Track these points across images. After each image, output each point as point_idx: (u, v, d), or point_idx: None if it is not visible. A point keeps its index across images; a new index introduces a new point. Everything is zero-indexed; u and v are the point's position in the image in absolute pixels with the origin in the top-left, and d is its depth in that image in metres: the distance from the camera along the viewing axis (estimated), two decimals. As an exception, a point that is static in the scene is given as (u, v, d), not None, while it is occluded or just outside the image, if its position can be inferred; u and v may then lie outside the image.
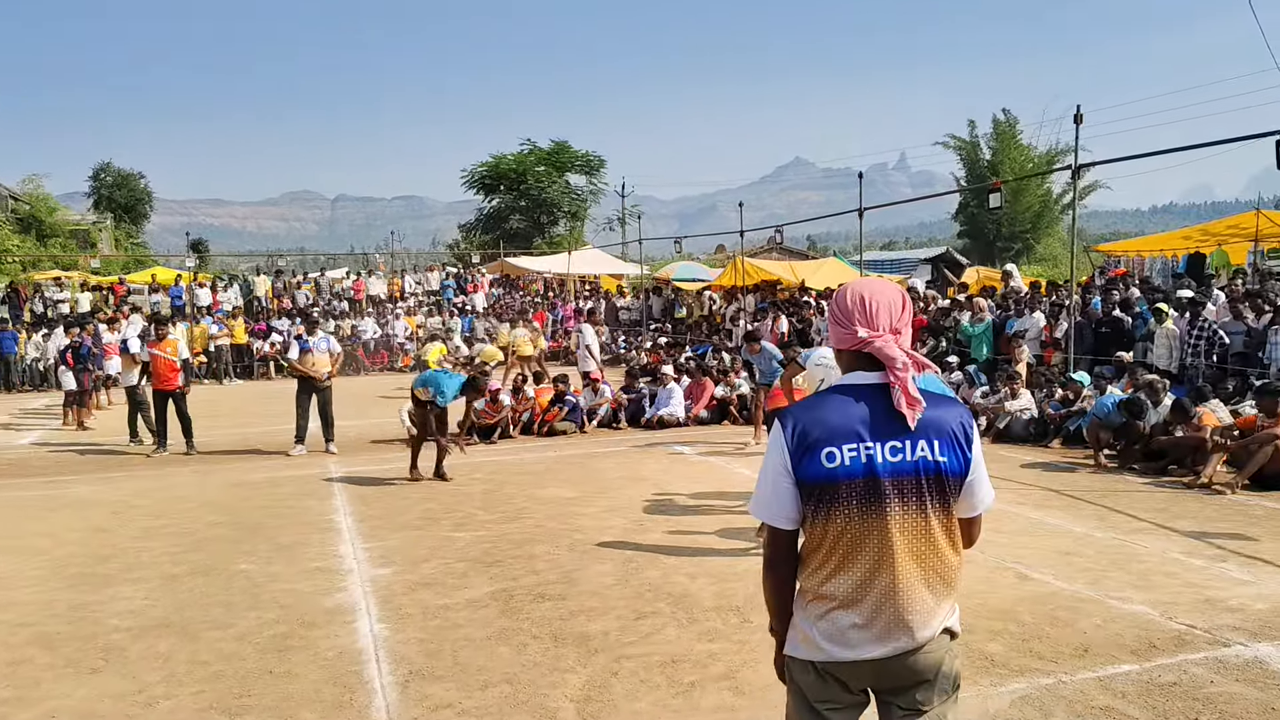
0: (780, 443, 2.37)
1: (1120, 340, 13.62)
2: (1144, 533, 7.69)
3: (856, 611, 2.34)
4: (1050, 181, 43.44)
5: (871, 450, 2.31)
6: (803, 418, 2.37)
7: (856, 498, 2.31)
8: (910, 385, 2.33)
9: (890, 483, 2.31)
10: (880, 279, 2.59)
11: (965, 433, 2.37)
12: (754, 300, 23.64)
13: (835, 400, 2.38)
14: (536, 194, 48.65)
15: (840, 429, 2.32)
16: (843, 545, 2.34)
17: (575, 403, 14.41)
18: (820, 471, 2.32)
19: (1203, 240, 20.68)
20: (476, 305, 31.57)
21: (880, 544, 2.32)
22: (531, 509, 9.04)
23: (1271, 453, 9.22)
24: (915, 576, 2.33)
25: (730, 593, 6.23)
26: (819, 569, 2.38)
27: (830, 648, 2.36)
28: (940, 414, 2.36)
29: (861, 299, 2.42)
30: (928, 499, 2.33)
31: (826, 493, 2.32)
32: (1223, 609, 5.75)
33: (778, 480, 2.38)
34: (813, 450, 2.32)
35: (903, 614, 2.32)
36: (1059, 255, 39.72)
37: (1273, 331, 11.61)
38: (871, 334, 2.38)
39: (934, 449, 2.33)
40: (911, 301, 2.55)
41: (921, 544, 2.33)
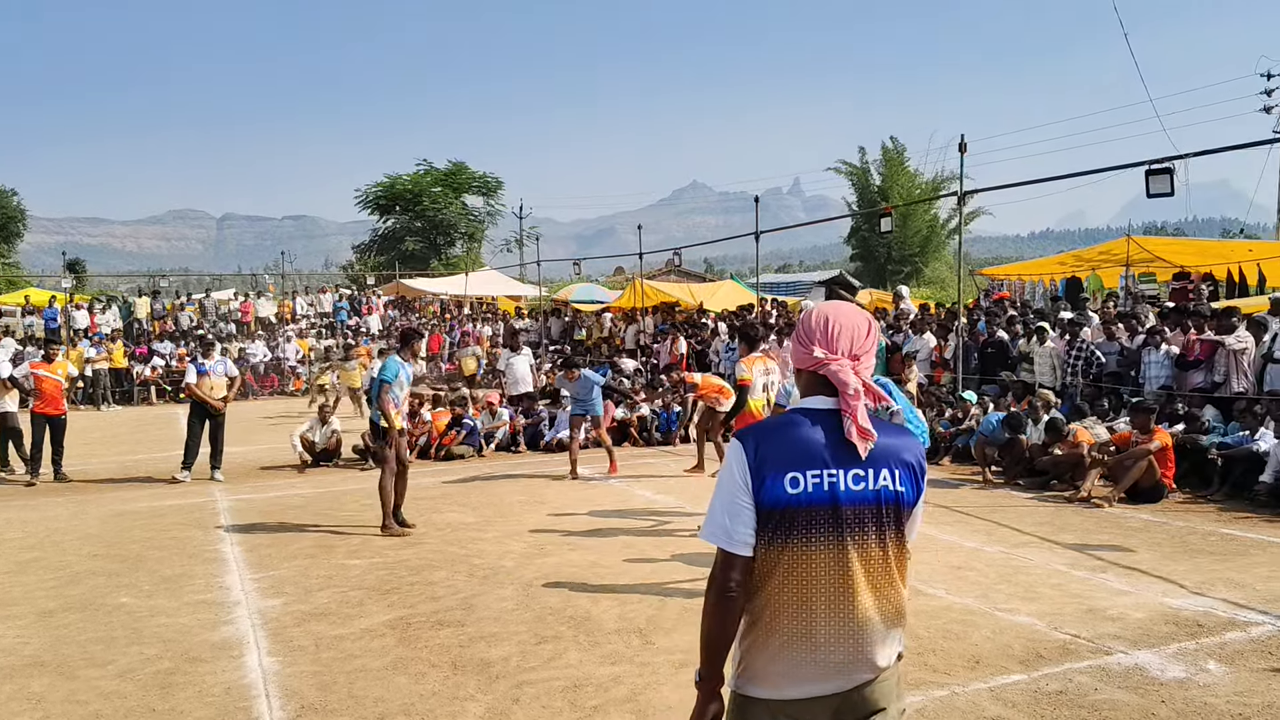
0: (742, 464, 2.25)
1: (1004, 360, 14.13)
2: (1029, 546, 7.96)
3: (814, 645, 2.24)
4: (937, 207, 44.94)
5: (835, 478, 2.23)
6: (765, 440, 2.27)
7: (817, 526, 2.22)
8: (861, 415, 2.25)
9: (851, 511, 2.23)
10: (852, 306, 2.51)
11: (920, 465, 2.33)
12: (653, 322, 23.79)
13: (796, 424, 2.29)
14: (433, 215, 48.11)
15: (804, 454, 2.23)
16: (798, 575, 2.24)
17: (473, 426, 14.22)
18: (783, 496, 2.22)
19: (1078, 265, 21.65)
20: (371, 328, 30.97)
21: (839, 574, 2.23)
22: (429, 535, 8.86)
23: (1145, 467, 9.67)
24: (872, 608, 2.25)
25: (632, 614, 6.21)
26: (772, 600, 2.26)
27: (786, 685, 2.26)
28: (899, 443, 2.31)
29: (825, 320, 2.36)
30: (886, 529, 2.26)
31: (786, 519, 2.22)
32: (1104, 618, 5.98)
33: (736, 503, 2.25)
34: (776, 474, 2.22)
35: (862, 646, 2.25)
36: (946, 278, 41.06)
37: (1145, 351, 12.19)
38: (828, 356, 2.32)
39: (895, 479, 2.27)
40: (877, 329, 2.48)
41: (879, 574, 2.26)
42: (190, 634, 6.08)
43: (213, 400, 12.17)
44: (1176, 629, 5.74)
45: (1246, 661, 5.18)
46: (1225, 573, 7.02)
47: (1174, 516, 9.14)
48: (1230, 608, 6.15)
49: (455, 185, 49.36)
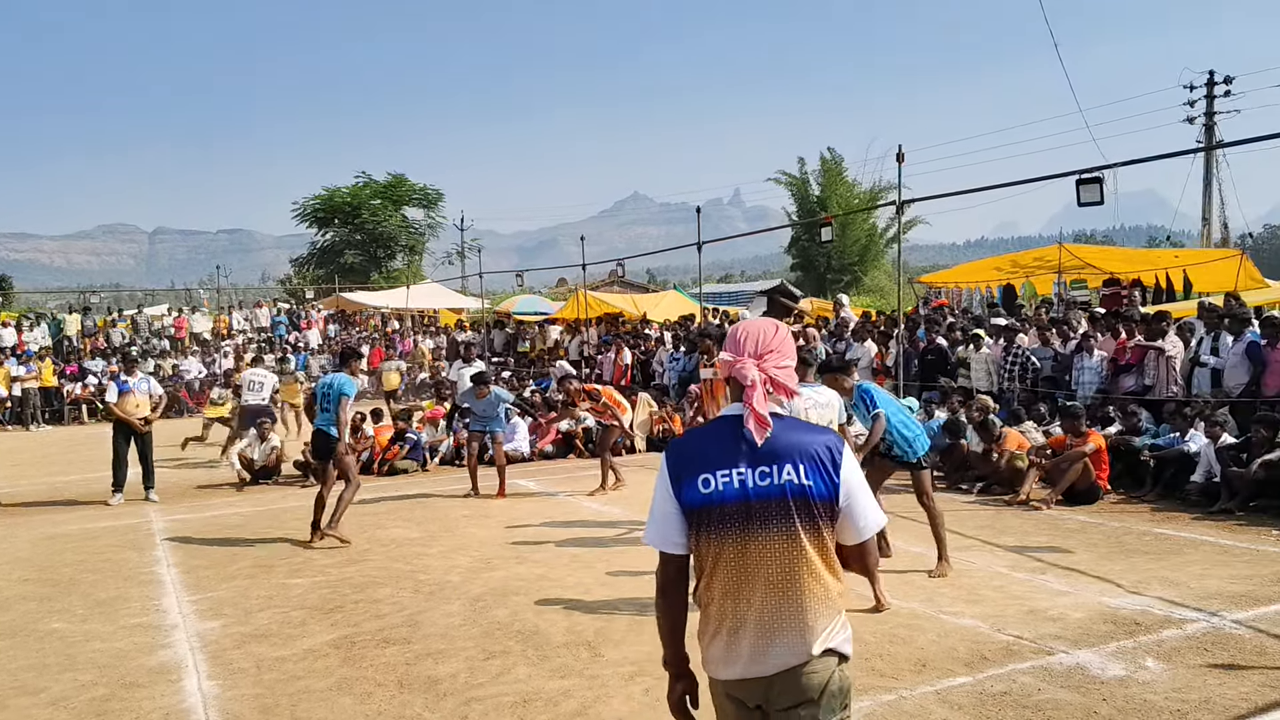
0: (664, 472, 2.50)
1: (944, 367, 14.35)
2: (972, 550, 8.09)
3: (739, 631, 2.43)
4: (876, 216, 45.57)
5: (744, 475, 2.41)
6: (682, 447, 2.53)
7: (731, 521, 2.41)
8: (758, 404, 2.42)
9: (760, 505, 2.40)
10: (763, 319, 2.71)
11: (832, 458, 2.45)
12: (597, 333, 23.77)
13: (715, 429, 2.51)
14: (372, 227, 47.57)
15: (715, 456, 2.44)
16: (722, 567, 2.44)
17: (417, 440, 14.07)
18: (697, 497, 2.43)
19: (1013, 272, 22.10)
20: (311, 342, 30.53)
21: (754, 565, 2.41)
22: (373, 551, 8.74)
23: (1081, 469, 9.89)
24: (790, 597, 2.40)
25: (581, 627, 6.17)
26: (707, 591, 2.49)
27: (720, 667, 2.47)
28: (807, 439, 2.46)
29: (735, 331, 2.60)
30: (796, 521, 2.40)
31: (704, 517, 2.43)
32: (1045, 619, 6.08)
33: (664, 507, 2.50)
34: (690, 477, 2.45)
35: (779, 634, 2.40)
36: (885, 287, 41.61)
37: (1078, 356, 12.47)
38: (736, 359, 2.51)
39: (799, 472, 2.41)
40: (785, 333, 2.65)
41: (796, 565, 2.40)
42: (126, 659, 5.91)
43: (134, 420, 11.83)
44: (1115, 628, 5.86)
45: (1183, 658, 5.30)
46: (1160, 571, 7.19)
47: (1109, 517, 9.36)
48: (1166, 606, 6.30)
49: (395, 198, 48.87)
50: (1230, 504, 9.25)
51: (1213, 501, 9.44)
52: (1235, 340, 10.94)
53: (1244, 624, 5.86)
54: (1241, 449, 9.55)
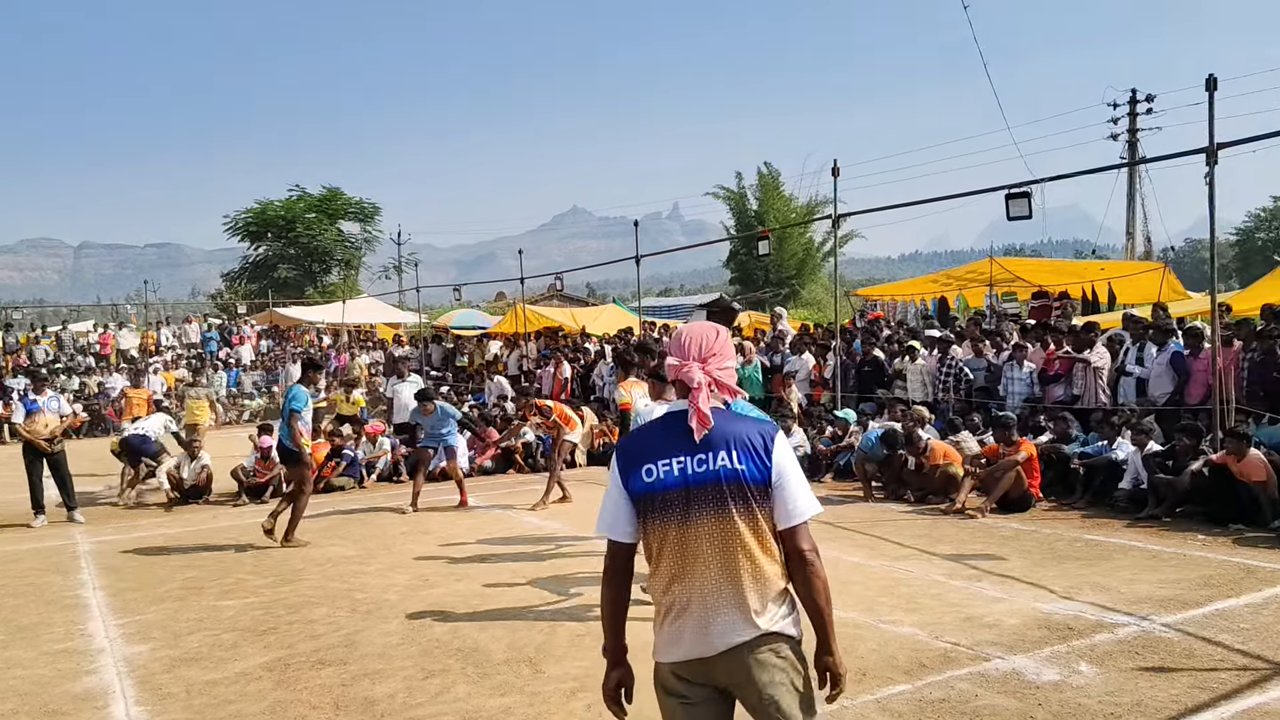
0: (614, 466, 2.71)
1: (881, 378, 14.54)
2: (910, 559, 8.18)
3: (684, 612, 2.59)
4: (812, 230, 46.12)
5: (683, 463, 2.60)
6: (630, 441, 2.76)
7: (672, 507, 2.60)
8: (701, 403, 2.61)
9: (698, 490, 2.58)
10: (706, 323, 2.91)
11: (765, 444, 2.63)
12: (536, 347, 23.67)
13: (658, 424, 2.74)
14: (307, 241, 46.87)
15: (657, 447, 2.65)
16: (667, 551, 2.62)
17: (353, 456, 13.86)
18: (642, 485, 2.63)
19: (946, 285, 22.53)
20: (243, 358, 29.93)
21: (695, 547, 2.58)
22: (308, 570, 8.56)
23: (1014, 478, 10.08)
24: (727, 576, 2.57)
25: (522, 643, 6.10)
26: (656, 577, 2.66)
27: (668, 649, 2.63)
28: (740, 428, 2.65)
29: (679, 335, 2.79)
30: (731, 504, 2.58)
31: (649, 504, 2.62)
32: (981, 626, 6.17)
33: (614, 497, 2.68)
34: (635, 467, 2.65)
35: (720, 612, 2.56)
36: (823, 300, 42.10)
37: (1009, 367, 12.73)
38: (682, 362, 2.71)
39: (733, 458, 2.59)
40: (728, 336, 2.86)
41: (732, 546, 2.57)
42: (49, 686, 5.70)
43: (39, 440, 11.34)
44: (1049, 633, 5.96)
45: (1115, 662, 5.41)
46: (1091, 577, 7.34)
47: (1042, 524, 9.54)
48: (1098, 610, 6.43)
49: (330, 211, 48.22)
50: (1157, 510, 9.50)
51: (1140, 508, 9.68)
52: (1159, 351, 11.26)
53: (1173, 627, 6.00)
54: (1167, 456, 9.81)
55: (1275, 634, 5.76)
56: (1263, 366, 10.44)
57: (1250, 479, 8.90)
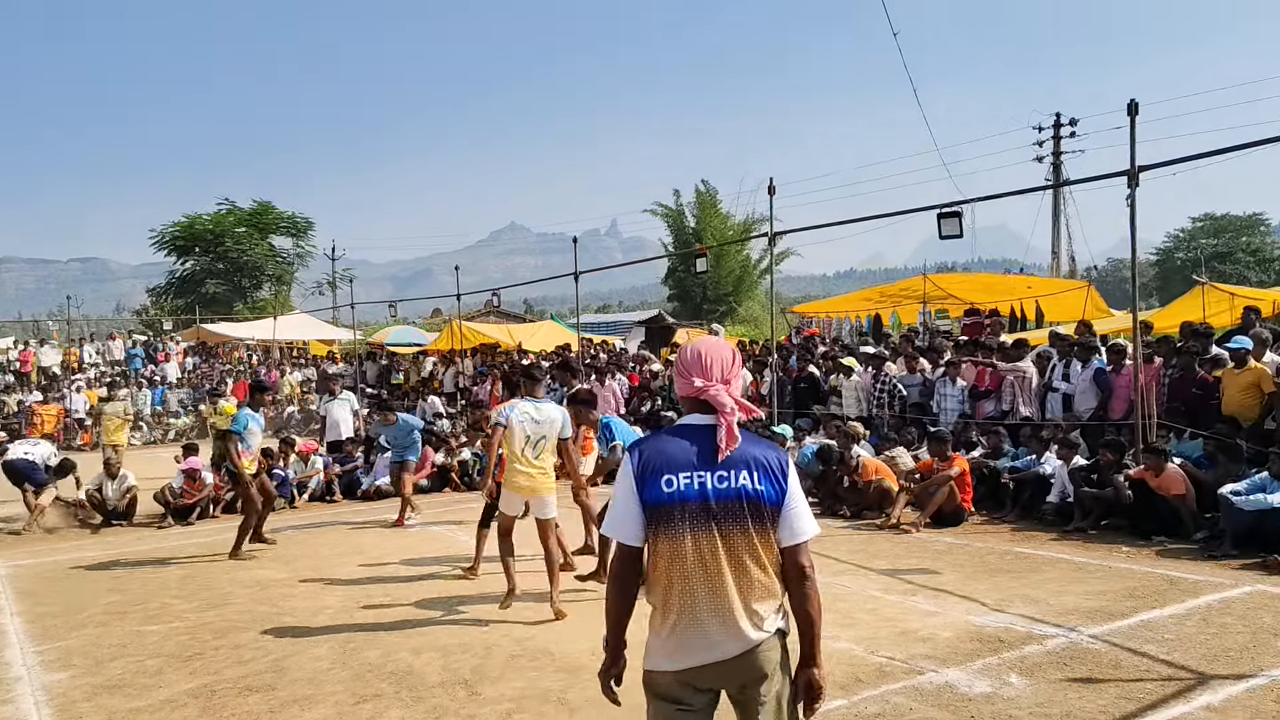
0: (629, 470, 2.77)
1: (816, 395, 14.68)
2: (846, 574, 8.24)
3: (695, 621, 2.71)
4: (749, 248, 46.56)
5: (703, 478, 2.73)
6: (647, 449, 2.80)
7: (689, 519, 2.71)
8: (734, 426, 2.78)
9: (718, 506, 2.72)
10: (716, 338, 3.05)
11: (781, 468, 2.81)
12: (473, 364, 23.48)
13: (676, 436, 2.81)
14: (236, 256, 45.99)
15: (677, 460, 2.74)
16: (678, 561, 2.72)
17: (284, 476, 13.56)
18: (660, 495, 2.72)
19: (880, 302, 22.87)
20: (169, 375, 29.20)
21: (712, 559, 2.71)
22: (236, 593, 8.34)
23: (947, 493, 10.23)
24: (740, 588, 2.72)
25: (456, 665, 6.01)
26: (662, 585, 2.75)
27: (678, 657, 2.73)
28: (760, 451, 2.81)
29: (698, 355, 2.88)
30: (748, 521, 2.73)
31: (665, 514, 2.72)
32: (916, 639, 6.23)
33: (627, 502, 2.76)
34: (654, 476, 2.73)
35: (736, 620, 2.71)
36: (759, 316, 42.46)
37: (941, 383, 12.95)
38: (706, 384, 2.82)
39: (754, 479, 2.75)
40: (739, 355, 3.02)
41: (745, 559, 2.73)
42: (-43, 720, 5.46)
43: None
44: (981, 645, 6.04)
45: (1045, 673, 5.50)
46: (1021, 589, 7.47)
47: (974, 538, 9.69)
48: (1027, 622, 6.54)
49: (261, 226, 47.40)
50: (1083, 523, 9.71)
51: (1067, 521, 9.89)
52: (1084, 367, 11.54)
53: (1099, 638, 6.12)
54: (1092, 470, 10.04)
55: (1198, 644, 5.91)
56: (1182, 383, 10.75)
57: (1169, 493, 9.14)
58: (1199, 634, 6.13)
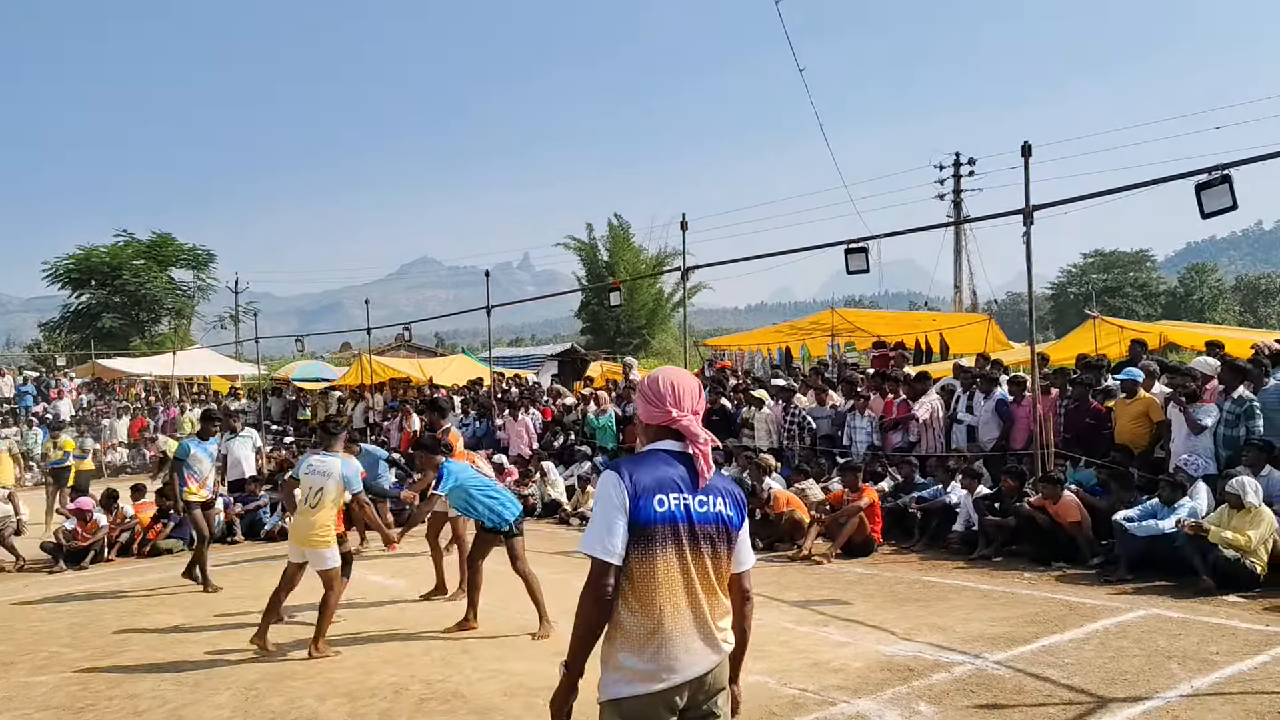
0: (621, 488, 2.81)
1: (729, 427, 14.79)
2: (759, 606, 8.15)
3: (686, 638, 2.81)
4: (662, 282, 46.91)
5: (688, 501, 2.86)
6: (635, 468, 2.86)
7: (674, 539, 2.82)
8: (709, 455, 2.93)
9: (700, 528, 2.86)
10: (684, 370, 3.13)
11: (742, 499, 3.02)
12: (383, 399, 23.09)
13: (656, 460, 2.91)
14: (134, 290, 44.52)
15: (665, 481, 2.86)
16: (670, 580, 2.81)
17: (182, 517, 13.07)
18: (653, 514, 2.80)
19: (791, 335, 23.26)
20: (62, 413, 28.03)
21: (688, 579, 2.83)
22: (132, 641, 7.99)
23: (858, 523, 10.39)
24: (712, 606, 2.87)
25: (364, 711, 5.85)
26: (649, 605, 2.80)
27: (667, 675, 2.79)
28: (725, 482, 3.01)
29: (672, 385, 2.97)
30: (719, 544, 2.90)
31: (654, 534, 2.80)
32: (827, 670, 6.29)
33: (615, 520, 2.79)
34: (648, 496, 2.81)
35: (707, 638, 2.85)
36: (672, 349, 42.73)
37: (851, 415, 13.18)
38: (680, 414, 2.94)
39: (726, 505, 2.94)
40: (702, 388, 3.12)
41: (715, 580, 2.89)
42: None
43: None
44: (891, 675, 6.13)
45: (952, 700, 5.60)
46: (929, 618, 7.61)
47: (883, 568, 9.85)
48: (935, 650, 6.66)
49: (160, 258, 46.02)
50: (987, 551, 9.96)
51: (973, 549, 10.13)
52: (987, 399, 11.89)
53: (1004, 664, 6.26)
54: (995, 499, 10.32)
55: (1097, 668, 6.09)
56: (1077, 413, 11.14)
57: (1066, 520, 9.45)
58: (1097, 658, 6.32)
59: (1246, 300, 66.04)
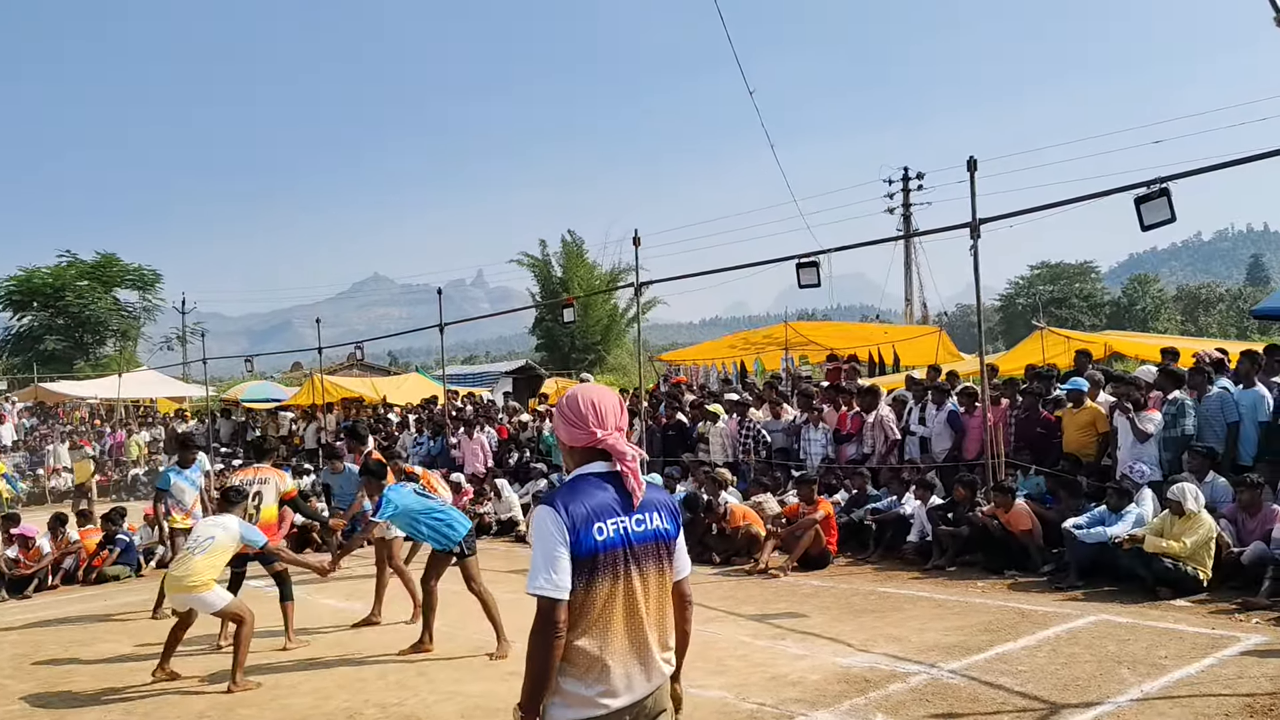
0: (558, 521, 2.71)
1: (685, 442, 14.82)
2: (716, 621, 8.29)
3: (630, 659, 2.76)
4: (616, 297, 46.95)
5: (625, 523, 2.79)
6: (570, 499, 2.75)
7: (617, 564, 2.76)
8: (639, 472, 2.85)
9: (640, 548, 2.80)
10: (604, 387, 3.08)
11: (675, 507, 2.96)
12: (335, 419, 22.84)
13: (588, 485, 2.82)
14: (78, 311, 43.65)
15: (601, 508, 2.77)
16: (607, 607, 2.75)
17: (129, 542, 12.80)
18: (593, 543, 2.72)
19: (745, 350, 23.38)
20: (4, 438, 27.36)
21: (635, 601, 2.78)
22: (78, 672, 7.80)
23: (813, 536, 10.45)
24: (660, 625, 2.85)
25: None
26: (591, 632, 2.73)
27: (613, 700, 2.74)
28: (657, 493, 2.93)
29: (593, 404, 2.87)
30: (663, 560, 2.87)
31: (597, 562, 2.72)
32: (785, 684, 6.31)
33: (557, 554, 2.69)
34: (586, 526, 2.72)
35: (658, 656, 2.82)
36: (627, 365, 42.74)
37: (805, 428, 13.27)
38: (604, 433, 2.85)
39: (663, 518, 2.87)
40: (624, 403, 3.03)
41: (661, 597, 2.86)
42: None
43: None
44: (848, 686, 6.16)
45: (908, 711, 5.64)
46: (885, 628, 7.66)
47: (839, 580, 9.91)
48: (891, 661, 6.71)
49: (105, 279, 45.20)
50: (941, 560, 10.06)
51: (927, 559, 10.23)
52: (939, 410, 12.03)
53: (959, 673, 6.33)
54: (948, 509, 10.44)
55: (1049, 675, 6.17)
56: (1027, 423, 11.32)
57: (1018, 529, 9.59)
58: (1050, 664, 6.40)
59: (1187, 310, 67.65)
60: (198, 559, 7.14)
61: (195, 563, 7.13)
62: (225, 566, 7.55)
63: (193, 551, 7.21)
